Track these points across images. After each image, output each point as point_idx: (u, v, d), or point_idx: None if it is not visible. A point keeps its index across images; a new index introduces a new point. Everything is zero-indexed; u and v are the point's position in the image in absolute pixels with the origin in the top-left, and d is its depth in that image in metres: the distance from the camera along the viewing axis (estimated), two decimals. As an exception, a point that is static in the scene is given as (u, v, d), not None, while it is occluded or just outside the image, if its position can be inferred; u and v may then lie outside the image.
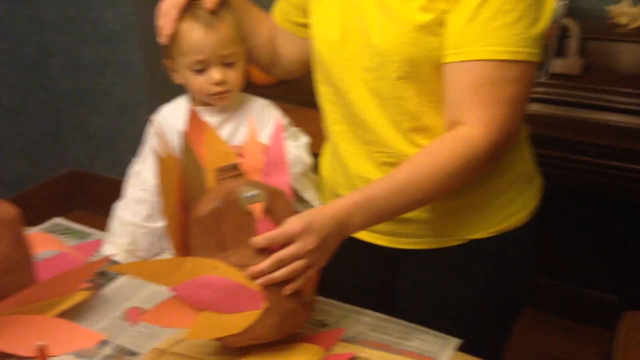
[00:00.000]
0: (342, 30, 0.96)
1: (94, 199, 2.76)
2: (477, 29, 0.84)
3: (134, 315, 1.00)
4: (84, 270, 1.00)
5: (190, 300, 0.84)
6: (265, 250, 0.83)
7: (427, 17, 0.87)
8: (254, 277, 0.82)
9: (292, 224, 0.81)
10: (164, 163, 0.86)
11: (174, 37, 1.04)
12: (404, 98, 0.93)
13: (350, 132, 1.02)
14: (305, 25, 1.08)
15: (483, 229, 1.00)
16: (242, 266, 0.83)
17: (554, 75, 1.84)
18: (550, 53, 1.82)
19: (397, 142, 0.96)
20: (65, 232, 1.23)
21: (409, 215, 0.96)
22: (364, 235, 1.06)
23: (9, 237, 0.88)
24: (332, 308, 1.02)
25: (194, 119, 0.96)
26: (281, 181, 0.97)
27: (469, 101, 0.86)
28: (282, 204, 0.87)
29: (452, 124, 0.89)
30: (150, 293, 1.05)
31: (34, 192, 2.65)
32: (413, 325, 0.97)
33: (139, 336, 0.95)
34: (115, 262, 1.11)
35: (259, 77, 2.09)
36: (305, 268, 0.82)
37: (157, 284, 0.85)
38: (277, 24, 1.14)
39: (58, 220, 1.27)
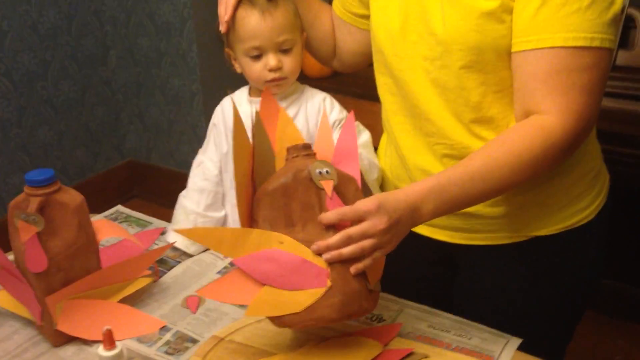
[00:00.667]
0: (403, 19, 0.95)
1: (151, 189, 2.82)
2: (549, 15, 0.81)
3: (194, 302, 1.01)
4: (146, 257, 1.02)
5: (253, 274, 0.82)
6: (333, 229, 0.81)
7: (493, 4, 0.84)
8: (321, 251, 0.79)
9: (364, 202, 0.79)
10: (239, 135, 0.86)
11: (232, 24, 1.05)
12: (467, 88, 0.91)
13: (410, 123, 1.01)
14: (365, 17, 1.07)
15: (549, 226, 0.98)
16: (308, 243, 0.81)
17: (618, 68, 1.77)
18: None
19: (459, 133, 0.94)
20: (127, 219, 1.26)
21: (471, 209, 0.94)
22: (423, 230, 1.05)
23: (76, 223, 0.91)
24: (389, 303, 1.01)
25: (267, 101, 0.97)
26: (352, 170, 0.95)
27: (543, 90, 0.83)
28: (352, 189, 0.86)
29: (526, 114, 0.86)
30: (209, 281, 1.07)
31: (94, 181, 2.73)
32: (472, 322, 0.95)
33: (198, 324, 0.97)
34: (177, 250, 1.14)
35: (313, 69, 2.10)
36: (374, 248, 0.79)
37: (221, 253, 0.83)
38: (337, 15, 1.14)
39: (120, 208, 1.31)
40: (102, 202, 1.38)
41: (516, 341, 0.91)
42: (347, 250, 0.79)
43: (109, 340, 0.72)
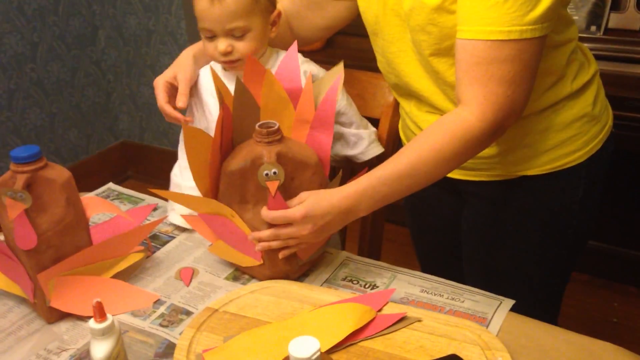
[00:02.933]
0: (382, 9, 0.97)
1: (146, 169, 2.81)
2: (472, 7, 0.83)
3: (187, 275, 1.01)
4: (138, 233, 1.01)
5: (212, 228, 1.02)
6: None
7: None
8: (254, 240, 0.96)
9: (294, 211, 0.91)
10: (189, 133, 0.95)
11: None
12: (440, 72, 0.94)
13: (404, 98, 1.06)
14: None
15: (537, 166, 1.01)
16: (253, 222, 0.97)
17: (610, 31, 1.75)
18: (605, 7, 1.74)
19: (451, 107, 0.97)
20: (119, 197, 1.26)
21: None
22: None
23: (64, 199, 0.90)
24: (382, 270, 1.01)
25: (252, 64, 1.01)
26: (323, 141, 0.99)
27: (465, 80, 0.86)
28: (308, 175, 0.97)
29: (457, 101, 0.89)
30: (201, 254, 1.07)
31: (88, 163, 2.72)
32: (464, 286, 0.96)
33: (191, 297, 0.97)
34: (170, 225, 1.14)
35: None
36: (298, 244, 0.94)
37: (190, 209, 1.03)
38: None
39: (112, 186, 1.30)
40: (96, 183, 1.37)
41: (508, 303, 0.92)
42: (274, 244, 0.94)
43: (99, 312, 0.71)
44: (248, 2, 1.03)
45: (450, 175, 1.06)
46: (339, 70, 1.05)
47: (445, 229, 1.21)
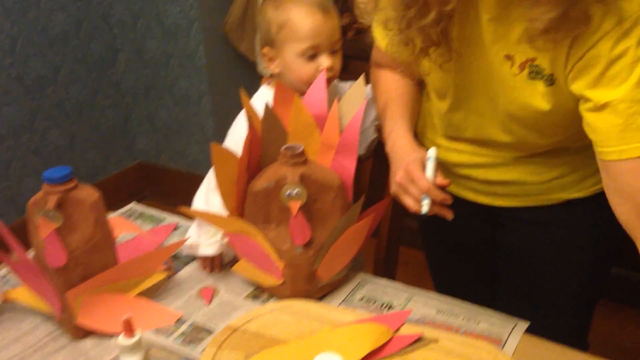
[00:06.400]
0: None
1: (162, 189, 2.86)
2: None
3: (208, 294, 1.04)
4: (161, 253, 1.05)
5: (236, 247, 1.05)
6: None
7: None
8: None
9: None
10: (218, 153, 0.98)
11: (284, 24, 1.08)
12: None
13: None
14: None
15: (583, 189, 1.02)
16: (276, 242, 1.00)
17: None
18: None
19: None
20: (140, 216, 1.29)
21: (509, 177, 1.01)
22: (466, 194, 1.10)
23: (93, 218, 0.93)
24: (398, 291, 1.03)
25: (281, 90, 1.06)
26: (347, 165, 1.02)
27: None
28: (330, 197, 0.99)
29: None
30: (221, 274, 1.10)
31: (105, 183, 2.76)
32: (480, 307, 0.98)
33: (212, 315, 1.00)
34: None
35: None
36: None
37: (216, 227, 1.05)
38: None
39: (134, 205, 1.33)
40: (114, 203, 1.41)
41: (523, 325, 0.93)
42: None
43: (128, 328, 0.74)
44: (339, 22, 1.11)
45: (489, 202, 1.08)
46: (361, 90, 1.08)
47: (472, 257, 1.21)
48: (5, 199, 2.39)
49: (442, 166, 1.08)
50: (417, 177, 0.91)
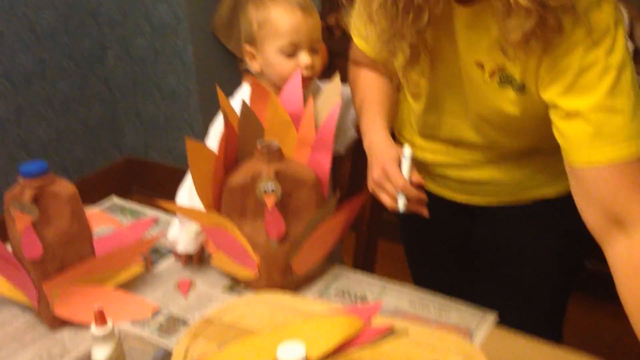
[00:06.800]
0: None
1: (149, 184, 2.86)
2: (609, 130, 0.81)
3: (185, 286, 1.06)
4: (138, 246, 1.06)
5: (213, 240, 1.07)
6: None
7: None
8: None
9: None
10: (193, 148, 1.00)
11: (265, 22, 1.10)
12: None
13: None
14: None
15: (556, 189, 1.04)
16: (252, 235, 1.02)
17: None
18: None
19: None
20: (122, 210, 1.30)
21: (485, 177, 1.03)
22: (443, 192, 1.12)
23: (69, 212, 0.95)
24: (372, 283, 1.05)
25: (257, 88, 1.08)
26: (322, 161, 1.04)
27: (626, 193, 0.82)
28: (305, 192, 1.01)
29: (612, 222, 0.84)
30: (198, 267, 1.11)
31: (93, 178, 2.77)
32: (451, 299, 1.00)
33: (189, 307, 1.01)
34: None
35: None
36: None
37: (194, 221, 1.07)
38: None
39: (115, 200, 1.35)
40: (101, 197, 1.43)
41: (491, 316, 0.95)
42: None
43: (100, 318, 0.76)
44: (320, 22, 1.14)
45: (464, 200, 1.10)
46: (337, 88, 1.10)
47: (448, 252, 1.23)
48: (-8, 193, 2.40)
49: (419, 165, 1.10)
50: (393, 175, 0.93)
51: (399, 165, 0.95)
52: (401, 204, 0.93)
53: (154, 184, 2.83)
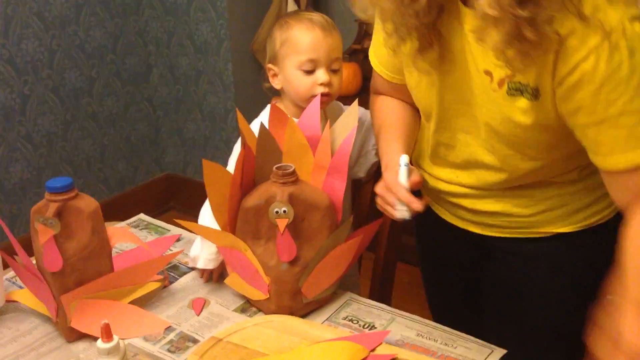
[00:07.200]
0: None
1: (187, 201, 2.93)
2: (627, 135, 0.82)
3: (199, 305, 1.08)
4: (156, 262, 1.09)
5: (226, 260, 1.10)
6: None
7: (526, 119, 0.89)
8: None
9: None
10: (210, 168, 1.03)
11: (286, 40, 1.15)
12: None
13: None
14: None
15: (571, 224, 1.02)
16: (265, 257, 1.03)
17: None
18: None
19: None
20: (147, 227, 1.34)
21: (501, 209, 1.02)
22: (457, 222, 1.11)
23: (90, 227, 0.99)
24: (381, 312, 1.05)
25: (276, 112, 1.11)
26: (337, 186, 1.05)
27: None
28: (318, 217, 1.03)
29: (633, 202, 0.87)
30: (215, 287, 1.13)
31: (133, 193, 2.86)
32: (459, 333, 0.99)
33: (201, 325, 1.03)
34: (188, 256, 1.21)
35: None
36: None
37: (209, 240, 1.10)
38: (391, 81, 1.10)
39: (142, 216, 1.39)
40: (140, 213, 1.50)
41: (499, 352, 0.94)
42: None
43: (106, 333, 0.79)
44: (341, 42, 1.17)
45: (478, 231, 1.09)
46: (354, 114, 1.11)
47: (461, 280, 1.22)
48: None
49: (433, 193, 1.10)
50: (392, 185, 0.95)
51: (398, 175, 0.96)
52: (398, 212, 0.95)
53: (191, 201, 2.88)
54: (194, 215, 1.19)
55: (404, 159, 0.96)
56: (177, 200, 2.97)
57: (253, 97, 2.69)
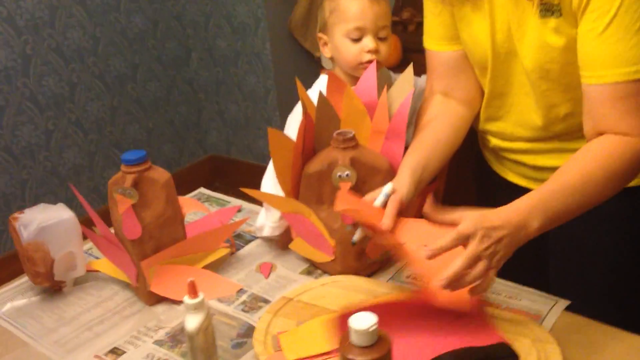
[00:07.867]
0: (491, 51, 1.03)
1: (231, 181, 3.00)
2: (609, 51, 0.87)
3: (267, 269, 1.13)
4: (224, 230, 1.15)
5: (291, 225, 1.14)
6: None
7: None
8: (448, 282, 0.81)
9: (462, 227, 0.81)
10: (274, 137, 1.06)
11: (335, 8, 1.19)
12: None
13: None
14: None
15: (636, 178, 1.01)
16: (328, 220, 1.07)
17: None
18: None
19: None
20: (208, 199, 1.40)
21: (560, 163, 1.01)
22: (519, 180, 1.14)
23: (164, 197, 1.04)
24: (444, 269, 1.09)
25: (333, 79, 1.13)
26: (396, 150, 1.08)
27: (614, 115, 0.90)
28: (379, 180, 1.04)
29: (599, 133, 0.92)
30: (279, 252, 1.18)
31: (179, 174, 2.94)
32: (522, 286, 1.02)
33: (269, 287, 1.09)
34: (252, 225, 1.26)
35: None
36: (486, 270, 0.82)
37: (275, 208, 1.14)
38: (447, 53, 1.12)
39: (202, 190, 1.45)
40: (186, 194, 1.56)
41: (563, 303, 0.97)
42: (467, 279, 0.82)
43: (192, 290, 0.84)
44: (390, 10, 1.20)
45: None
46: (409, 79, 1.14)
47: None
48: (89, 188, 2.60)
49: (495, 153, 1.13)
50: (362, 203, 0.98)
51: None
52: (356, 233, 0.99)
53: (235, 181, 2.94)
54: (238, 195, 1.23)
55: (387, 187, 0.97)
56: (221, 180, 3.04)
57: (292, 75, 2.73)
